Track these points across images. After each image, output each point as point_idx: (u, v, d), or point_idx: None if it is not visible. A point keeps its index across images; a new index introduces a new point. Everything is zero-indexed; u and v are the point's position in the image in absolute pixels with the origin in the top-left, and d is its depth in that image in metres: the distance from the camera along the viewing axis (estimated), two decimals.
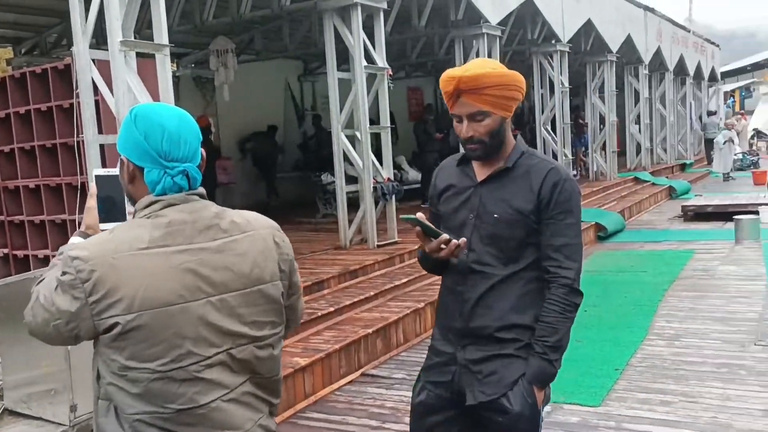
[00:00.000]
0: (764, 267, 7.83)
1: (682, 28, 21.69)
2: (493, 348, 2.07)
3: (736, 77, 73.75)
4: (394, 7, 9.50)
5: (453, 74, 2.02)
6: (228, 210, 1.61)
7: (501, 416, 2.06)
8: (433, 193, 2.26)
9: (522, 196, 2.07)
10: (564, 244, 2.08)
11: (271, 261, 1.60)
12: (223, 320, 1.50)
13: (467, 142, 2.08)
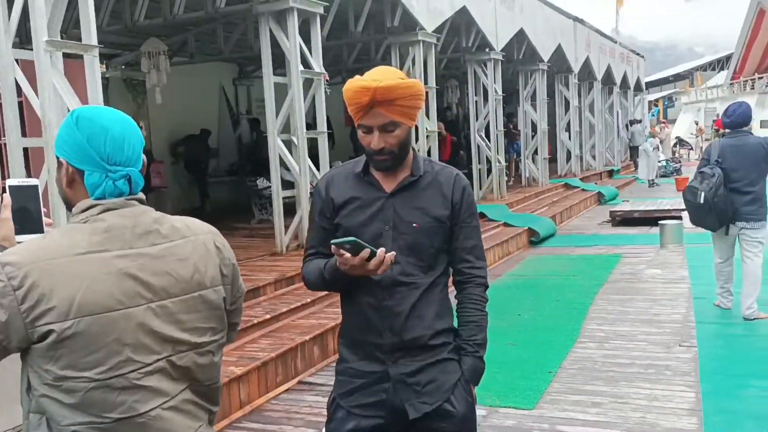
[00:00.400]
0: (687, 270, 8.16)
1: (609, 39, 22.46)
2: (427, 356, 2.07)
3: (659, 87, 76.86)
4: (331, 13, 9.50)
5: (367, 85, 1.96)
6: (167, 215, 1.59)
7: (446, 422, 2.08)
8: (326, 207, 2.13)
9: (437, 204, 2.10)
10: (474, 246, 2.16)
11: (212, 266, 1.59)
12: (164, 326, 1.47)
13: (377, 154, 2.04)
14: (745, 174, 5.87)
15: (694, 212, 6.08)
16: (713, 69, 72.29)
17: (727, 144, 6.04)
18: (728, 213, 5.90)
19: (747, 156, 5.88)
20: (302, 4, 7.38)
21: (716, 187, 5.82)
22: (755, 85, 47.50)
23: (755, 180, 5.91)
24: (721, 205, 5.84)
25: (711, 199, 5.83)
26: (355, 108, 2.01)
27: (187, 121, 12.94)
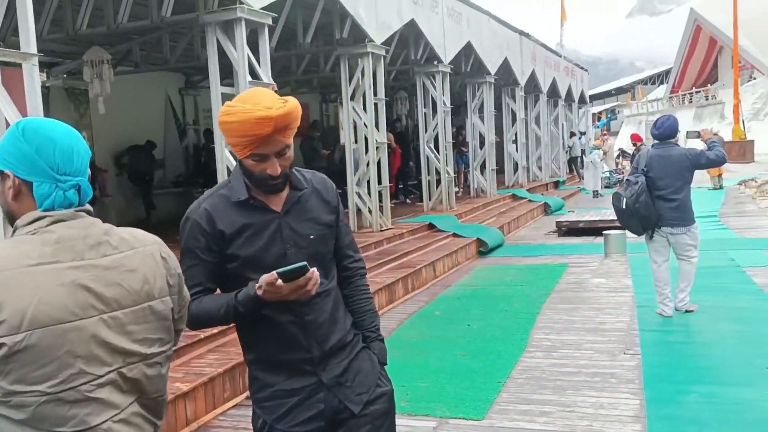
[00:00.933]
0: (631, 279, 8.36)
1: (554, 53, 22.97)
2: (347, 354, 2.17)
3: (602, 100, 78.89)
4: (279, 23, 9.45)
5: (268, 114, 1.90)
6: (115, 227, 1.59)
7: (382, 400, 2.21)
8: (213, 241, 2.04)
9: (324, 211, 2.16)
10: (351, 240, 2.29)
11: (159, 277, 1.59)
12: (115, 338, 1.47)
13: (272, 179, 2.01)
14: (670, 182, 6.26)
15: (620, 217, 6.57)
16: (653, 83, 74.63)
17: (654, 154, 6.42)
18: (651, 218, 6.26)
19: (672, 165, 6.28)
20: (250, 15, 7.31)
21: (637, 194, 6.21)
22: (693, 98, 49.21)
23: (680, 188, 6.28)
24: (642, 210, 6.22)
25: (632, 205, 6.23)
26: (250, 139, 1.94)
27: (132, 132, 12.68)
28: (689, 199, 6.40)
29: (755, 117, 37.83)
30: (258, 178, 2.02)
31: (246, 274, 2.03)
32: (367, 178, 10.49)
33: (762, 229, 11.63)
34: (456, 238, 11.05)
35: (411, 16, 11.21)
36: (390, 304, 7.74)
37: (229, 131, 1.96)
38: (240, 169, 2.08)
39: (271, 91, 2.05)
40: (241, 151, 1.98)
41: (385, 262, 8.80)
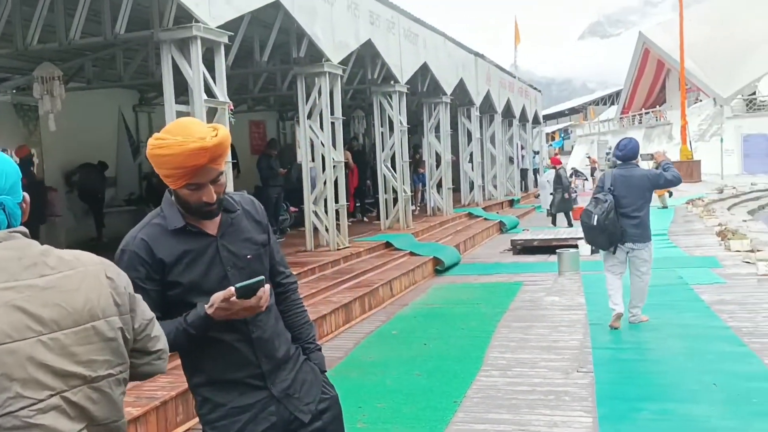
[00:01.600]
0: (583, 297, 8.50)
1: (508, 74, 23.40)
2: (292, 366, 2.25)
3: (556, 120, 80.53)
4: (236, 42, 9.40)
5: (204, 145, 1.95)
6: (54, 248, 1.54)
7: (329, 407, 2.32)
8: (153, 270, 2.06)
9: (256, 230, 2.23)
10: (282, 257, 2.37)
11: (104, 297, 1.54)
12: (56, 360, 1.41)
13: (208, 206, 2.06)
14: (632, 201, 6.70)
15: (589, 233, 6.90)
16: (605, 104, 76.54)
17: (618, 174, 6.87)
18: (617, 234, 6.68)
19: (634, 185, 6.74)
20: (206, 33, 7.28)
21: (607, 211, 6.62)
22: (642, 119, 50.59)
23: (641, 206, 6.74)
24: (611, 227, 6.64)
25: (603, 222, 6.63)
26: (186, 170, 1.98)
27: (84, 149, 12.44)
28: (648, 216, 6.83)
29: (701, 138, 39.05)
30: (194, 206, 2.07)
31: (189, 300, 2.07)
32: (324, 196, 10.48)
33: (709, 248, 11.97)
34: (413, 256, 11.10)
35: (368, 36, 11.31)
36: (347, 323, 7.71)
37: (162, 164, 1.99)
38: (173, 197, 2.12)
39: (198, 121, 2.12)
40: (175, 182, 2.03)
41: (342, 281, 8.78)
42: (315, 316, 7.07)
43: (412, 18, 13.57)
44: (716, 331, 6.51)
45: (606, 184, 6.89)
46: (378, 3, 11.79)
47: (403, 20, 12.98)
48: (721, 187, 26.31)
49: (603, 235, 6.70)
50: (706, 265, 10.17)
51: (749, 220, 17.96)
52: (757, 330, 6.42)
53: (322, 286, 8.31)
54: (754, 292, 8.11)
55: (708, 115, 41.13)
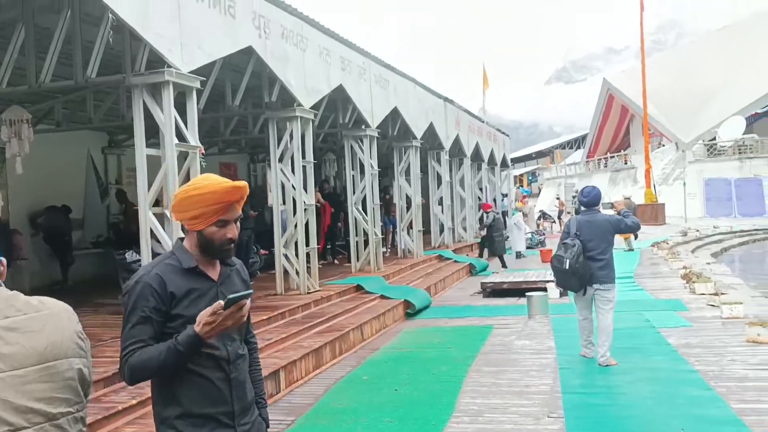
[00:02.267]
0: (553, 341, 8.55)
1: (477, 119, 23.79)
2: (252, 412, 2.47)
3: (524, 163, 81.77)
4: (208, 85, 9.47)
5: (238, 185, 2.33)
6: (21, 294, 1.62)
7: None
8: (162, 302, 2.29)
9: (242, 287, 2.45)
10: (249, 317, 2.45)
11: (67, 339, 1.60)
12: (16, 396, 1.46)
13: (228, 243, 2.36)
14: (597, 244, 7.18)
15: (561, 277, 7.35)
16: (571, 147, 78.09)
17: (582, 219, 7.36)
18: (587, 276, 7.14)
19: (598, 229, 7.24)
20: (178, 78, 7.31)
21: (577, 255, 7.09)
22: (608, 163, 51.64)
23: (605, 249, 7.23)
24: (581, 270, 7.09)
25: (574, 265, 7.08)
26: (221, 206, 2.32)
27: (51, 191, 12.28)
28: (612, 259, 7.31)
29: (665, 182, 39.96)
30: (218, 244, 2.35)
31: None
32: (294, 239, 10.46)
33: (674, 290, 12.16)
34: (384, 299, 11.08)
35: (339, 81, 11.46)
36: (317, 369, 7.63)
37: (197, 203, 2.30)
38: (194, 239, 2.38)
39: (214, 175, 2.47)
40: (206, 220, 2.31)
41: (312, 326, 8.72)
42: (285, 362, 6.99)
43: (383, 64, 13.81)
44: (684, 375, 6.58)
45: (572, 229, 7.32)
46: (349, 49, 11.99)
47: (374, 66, 13.19)
48: (684, 230, 26.86)
49: (574, 277, 7.13)
50: (672, 308, 10.32)
51: (713, 263, 18.31)
52: (723, 374, 6.51)
53: (293, 331, 8.24)
54: (719, 335, 8.24)
55: (671, 160, 42.17)
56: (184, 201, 2.33)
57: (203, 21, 7.77)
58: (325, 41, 11.00)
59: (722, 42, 52.03)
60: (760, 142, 40.13)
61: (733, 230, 29.30)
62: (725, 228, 29.65)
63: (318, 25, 10.75)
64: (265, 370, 6.57)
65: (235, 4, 8.36)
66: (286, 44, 9.68)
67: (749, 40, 49.07)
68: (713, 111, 43.04)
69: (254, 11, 8.84)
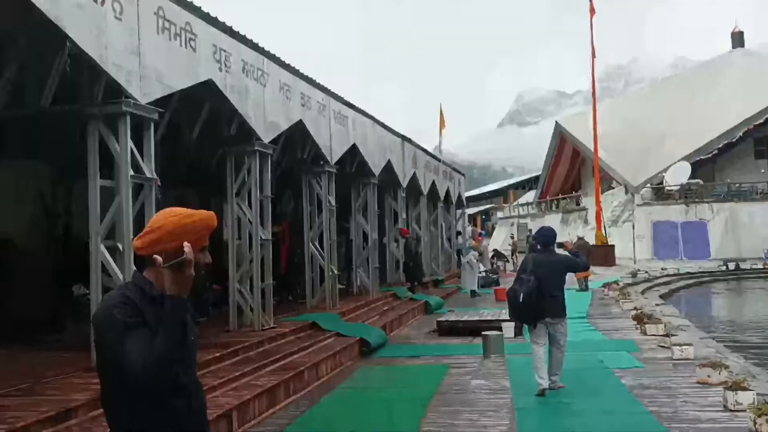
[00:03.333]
0: (509, 380, 8.53)
1: (433, 158, 24.05)
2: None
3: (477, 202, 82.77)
4: (165, 117, 9.34)
5: (213, 215, 2.42)
6: None
7: None
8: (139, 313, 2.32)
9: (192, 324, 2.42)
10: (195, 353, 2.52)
11: None
12: None
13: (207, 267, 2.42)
14: (551, 281, 7.69)
15: (515, 310, 7.91)
16: (524, 188, 79.38)
17: (538, 258, 7.89)
18: (539, 311, 7.62)
19: (553, 267, 7.78)
20: (136, 110, 7.21)
21: (531, 290, 7.53)
22: (560, 204, 52.67)
23: (558, 286, 7.81)
24: (535, 304, 7.56)
25: (527, 300, 7.54)
26: (207, 233, 2.41)
27: None
28: (564, 295, 7.89)
29: (615, 224, 40.87)
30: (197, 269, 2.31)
31: None
32: (249, 275, 10.29)
33: (626, 331, 12.34)
34: (339, 337, 10.94)
35: (299, 117, 11.46)
36: (270, 408, 7.44)
37: (192, 230, 2.33)
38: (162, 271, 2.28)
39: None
40: (196, 244, 2.31)
41: (266, 364, 8.53)
42: (237, 401, 6.81)
43: (343, 101, 13.89)
44: (638, 417, 6.62)
45: (528, 267, 7.80)
46: (310, 86, 12.03)
47: (334, 103, 13.25)
48: (634, 272, 27.41)
49: (529, 311, 7.65)
50: (625, 348, 10.45)
51: (662, 304, 18.71)
52: (676, 415, 6.58)
53: (246, 369, 8.04)
54: (671, 376, 8.35)
55: (620, 202, 43.24)
56: (182, 226, 2.32)
57: (163, 53, 7.70)
58: (286, 77, 11.02)
59: (667, 91, 54.16)
60: (704, 187, 41.53)
61: (679, 272, 30.04)
62: (672, 270, 30.37)
63: (279, 60, 10.77)
64: (218, 410, 6.41)
65: (196, 37, 8.33)
66: (247, 78, 9.66)
67: (690, 90, 51.17)
68: (660, 156, 44.48)
69: (215, 45, 8.81)
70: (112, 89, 7.16)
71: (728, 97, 47.29)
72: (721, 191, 41.56)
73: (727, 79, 50.54)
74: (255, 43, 9.92)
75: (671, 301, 21.64)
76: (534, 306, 7.53)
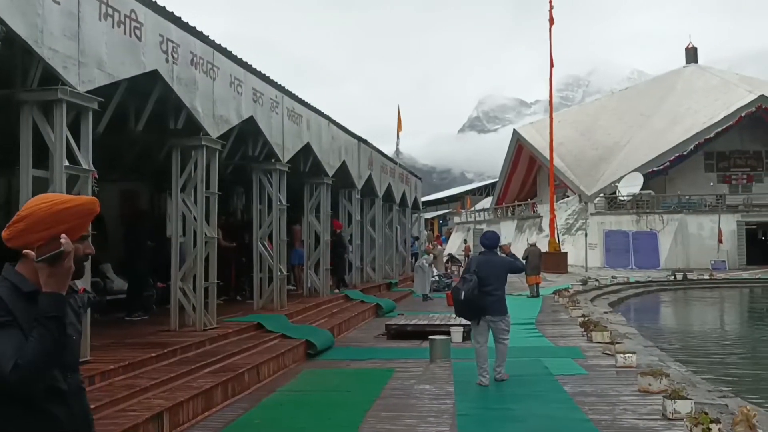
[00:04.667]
0: (453, 386, 8.46)
1: (390, 160, 23.97)
2: None
3: (435, 207, 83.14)
4: (109, 108, 9.01)
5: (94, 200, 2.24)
6: None
7: None
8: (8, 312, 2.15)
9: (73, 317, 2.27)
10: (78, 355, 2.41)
11: None
12: None
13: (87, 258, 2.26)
14: (493, 281, 8.34)
15: (458, 306, 8.45)
16: (481, 194, 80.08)
17: (482, 259, 8.60)
18: (480, 308, 8.24)
19: (495, 268, 8.47)
20: (73, 98, 6.91)
21: (473, 288, 8.10)
22: (515, 211, 53.21)
23: (499, 286, 8.48)
24: (475, 301, 8.16)
25: (469, 297, 8.10)
26: (87, 220, 2.23)
27: None
28: (504, 294, 8.65)
29: (568, 231, 41.46)
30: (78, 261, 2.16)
31: None
32: (193, 273, 10.02)
33: (572, 338, 12.41)
34: (285, 339, 10.73)
35: (250, 113, 11.22)
36: (206, 411, 7.21)
37: (69, 216, 2.12)
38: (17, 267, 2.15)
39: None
40: (74, 234, 2.13)
41: (205, 365, 8.28)
42: (171, 403, 6.57)
43: (297, 99, 13.67)
44: (578, 424, 6.60)
45: (472, 267, 8.48)
46: (262, 82, 11.79)
47: (287, 100, 13.04)
48: (585, 279, 27.77)
49: (470, 308, 8.27)
50: (570, 355, 10.49)
51: (610, 312, 18.94)
52: (615, 423, 6.57)
53: (183, 370, 7.78)
54: (613, 384, 8.38)
55: (574, 211, 43.88)
56: (56, 213, 2.10)
57: (105, 40, 7.41)
58: (237, 71, 10.77)
59: (623, 102, 55.26)
60: (655, 198, 42.41)
61: (629, 281, 30.56)
62: (622, 279, 30.88)
63: (230, 54, 10.52)
64: (148, 412, 6.18)
65: (142, 26, 8.05)
66: (195, 71, 9.40)
67: (645, 103, 52.31)
68: (614, 166, 45.31)
69: (162, 35, 8.54)
70: (50, 75, 6.85)
71: (681, 111, 48.51)
72: (672, 203, 42.53)
73: (680, 93, 51.85)
74: (205, 35, 9.66)
75: (619, 309, 21.95)
76: (474, 303, 8.14)
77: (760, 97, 43.82)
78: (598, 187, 43.63)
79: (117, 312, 11.24)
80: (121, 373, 7.13)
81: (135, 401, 6.51)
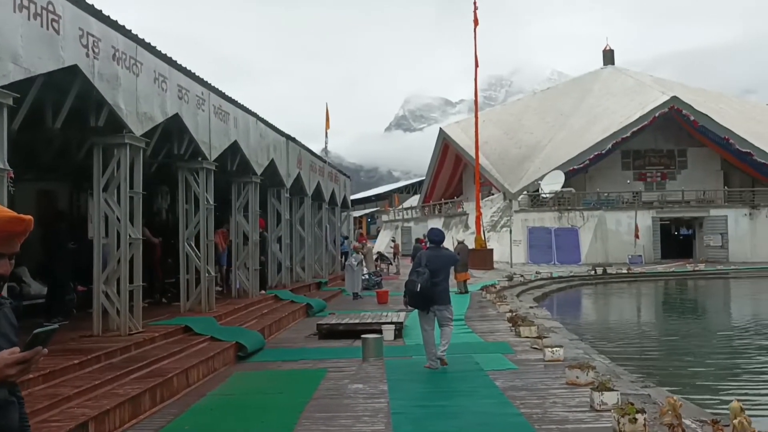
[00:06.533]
0: (386, 384, 8.46)
1: (319, 159, 23.84)
2: None
3: (363, 205, 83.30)
4: (26, 103, 8.57)
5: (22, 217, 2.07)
6: None
7: None
8: None
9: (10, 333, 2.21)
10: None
11: None
12: None
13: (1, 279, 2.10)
14: (440, 274, 9.26)
15: (413, 297, 9.25)
16: (409, 192, 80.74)
17: (431, 254, 9.44)
18: (431, 298, 9.16)
19: (441, 262, 9.38)
20: None
21: (426, 281, 9.04)
22: (442, 209, 53.89)
23: (445, 278, 9.43)
24: (429, 293, 9.09)
25: (423, 289, 9.03)
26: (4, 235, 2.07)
27: None
28: (448, 286, 9.66)
29: (494, 228, 42.30)
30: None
31: None
32: (117, 276, 9.66)
33: (501, 333, 12.65)
34: (214, 341, 10.49)
35: (175, 110, 10.91)
36: (134, 418, 6.96)
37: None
38: None
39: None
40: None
41: (131, 371, 7.99)
42: (96, 412, 6.30)
43: (224, 96, 13.40)
44: (510, 419, 6.71)
45: (423, 261, 9.25)
46: (187, 78, 11.48)
47: (214, 98, 12.75)
48: (510, 275, 28.41)
49: (423, 299, 9.13)
50: (500, 350, 10.68)
51: (535, 306, 19.42)
52: (546, 416, 6.72)
53: (108, 377, 7.48)
54: (542, 377, 8.58)
55: (499, 208, 44.80)
56: None
57: (21, 33, 7.04)
58: (162, 67, 10.45)
59: (544, 102, 56.83)
60: (576, 195, 43.79)
61: (552, 276, 31.46)
62: (546, 274, 31.76)
63: (154, 49, 10.19)
64: (72, 422, 5.91)
65: (60, 18, 7.69)
66: (117, 66, 9.06)
67: (565, 103, 53.97)
68: (536, 165, 46.51)
69: (82, 28, 8.18)
70: None
71: (599, 111, 50.26)
72: (591, 200, 44.01)
73: (598, 93, 53.73)
74: (127, 30, 9.32)
75: (544, 304, 22.56)
76: (427, 294, 9.04)
77: (672, 98, 45.87)
78: (522, 185, 44.69)
79: (35, 317, 10.71)
80: (42, 383, 6.79)
81: (57, 411, 6.22)
